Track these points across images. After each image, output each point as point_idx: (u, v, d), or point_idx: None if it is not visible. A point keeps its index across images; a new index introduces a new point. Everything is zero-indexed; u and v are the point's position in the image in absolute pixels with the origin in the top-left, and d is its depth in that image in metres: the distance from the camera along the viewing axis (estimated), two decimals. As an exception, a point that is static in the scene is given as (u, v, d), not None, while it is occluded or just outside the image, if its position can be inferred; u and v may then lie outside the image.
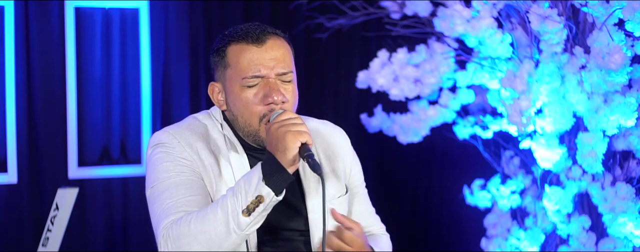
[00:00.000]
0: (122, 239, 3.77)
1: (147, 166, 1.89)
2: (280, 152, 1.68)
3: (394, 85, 3.36)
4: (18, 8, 3.49)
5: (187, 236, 1.69)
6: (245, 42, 1.83)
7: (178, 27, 3.78)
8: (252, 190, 1.66)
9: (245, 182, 1.68)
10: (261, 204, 1.67)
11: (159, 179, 1.83)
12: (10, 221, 3.53)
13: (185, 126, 1.92)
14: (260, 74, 1.81)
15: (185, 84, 3.80)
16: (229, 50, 1.85)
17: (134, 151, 3.77)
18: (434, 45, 3.33)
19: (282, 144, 1.68)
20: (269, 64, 1.82)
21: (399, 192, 4.30)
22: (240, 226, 1.67)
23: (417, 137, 3.49)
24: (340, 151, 2.03)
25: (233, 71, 1.84)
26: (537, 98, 2.90)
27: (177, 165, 1.83)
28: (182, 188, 1.79)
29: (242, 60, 1.82)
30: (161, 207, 1.78)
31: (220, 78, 1.89)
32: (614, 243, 2.89)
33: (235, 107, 1.86)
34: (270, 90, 1.81)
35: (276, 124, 1.72)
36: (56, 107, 3.60)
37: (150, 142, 1.91)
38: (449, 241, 4.35)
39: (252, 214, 1.66)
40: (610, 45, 2.60)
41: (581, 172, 2.95)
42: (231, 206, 1.67)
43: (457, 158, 4.19)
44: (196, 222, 1.69)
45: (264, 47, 1.82)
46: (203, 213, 1.70)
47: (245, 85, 1.82)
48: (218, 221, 1.67)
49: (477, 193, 3.54)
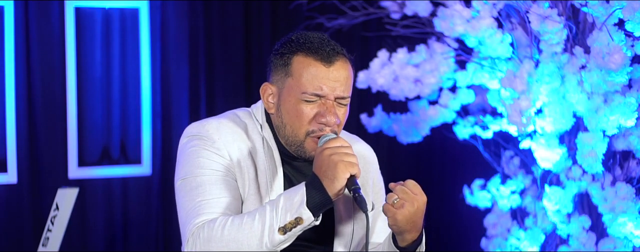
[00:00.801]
0: (122, 239, 3.77)
1: (180, 156, 1.85)
2: (329, 180, 1.66)
3: (394, 85, 3.36)
4: (18, 8, 3.49)
5: (219, 240, 1.67)
6: (314, 58, 1.80)
7: (178, 27, 3.78)
8: (293, 210, 1.65)
9: (287, 200, 1.67)
10: (299, 226, 1.66)
11: (193, 173, 1.79)
12: (10, 221, 3.53)
13: (226, 121, 1.87)
14: (321, 93, 1.79)
15: (185, 84, 3.80)
16: (295, 60, 1.82)
17: (134, 151, 3.77)
18: (434, 45, 3.33)
19: (333, 172, 1.66)
20: (332, 85, 1.80)
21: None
22: (273, 242, 1.66)
23: (417, 137, 3.49)
24: (370, 168, 2.04)
25: (294, 82, 1.81)
26: (537, 98, 2.90)
27: (212, 162, 1.80)
28: (215, 187, 1.77)
29: (306, 74, 1.80)
30: (192, 203, 1.75)
31: (278, 83, 1.85)
32: (614, 243, 2.89)
33: (287, 115, 1.83)
34: (327, 111, 1.79)
35: (329, 149, 1.70)
36: (56, 107, 3.60)
37: (187, 132, 1.86)
38: (449, 241, 4.35)
39: (287, 233, 1.66)
40: (610, 45, 2.60)
41: (581, 172, 2.95)
42: (269, 221, 1.66)
43: (457, 158, 4.19)
44: (231, 229, 1.67)
45: (331, 68, 1.80)
46: (239, 221, 1.68)
47: (302, 100, 1.80)
48: (253, 233, 1.66)
49: (477, 193, 3.53)
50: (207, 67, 3.85)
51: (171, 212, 3.82)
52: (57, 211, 2.95)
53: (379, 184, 2.07)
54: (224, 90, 3.87)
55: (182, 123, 3.80)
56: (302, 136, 1.82)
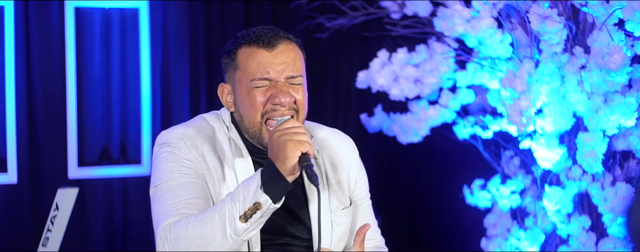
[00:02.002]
0: (122, 239, 3.77)
1: (153, 165, 1.90)
2: (280, 161, 1.67)
3: (394, 85, 3.36)
4: (18, 8, 3.49)
5: (184, 238, 1.70)
6: (256, 46, 1.84)
7: (178, 27, 3.78)
8: (250, 196, 1.66)
9: (244, 189, 1.69)
10: (258, 211, 1.66)
11: (163, 179, 1.83)
12: (10, 221, 3.53)
13: (193, 126, 1.92)
14: (268, 76, 1.82)
15: (185, 84, 3.80)
16: (240, 53, 1.86)
17: (134, 151, 3.77)
18: (434, 45, 3.33)
19: (283, 152, 1.67)
20: (278, 68, 1.83)
21: (399, 192, 4.30)
22: (237, 231, 1.67)
23: (417, 137, 3.49)
24: (346, 162, 2.02)
25: (242, 73, 1.85)
26: (537, 98, 2.90)
27: (181, 166, 1.83)
28: (183, 190, 1.80)
29: (251, 63, 1.83)
30: (162, 208, 1.79)
31: (230, 79, 1.90)
32: (614, 243, 2.89)
33: (242, 107, 1.86)
34: (278, 91, 1.81)
35: (278, 131, 1.71)
36: (56, 107, 3.60)
37: (157, 141, 1.91)
38: (449, 241, 4.34)
39: (249, 220, 1.67)
40: (610, 45, 2.60)
41: (581, 172, 2.95)
42: (228, 212, 1.67)
43: (457, 158, 4.19)
44: (194, 226, 1.70)
45: (275, 52, 1.83)
46: (201, 217, 1.70)
47: (253, 87, 1.83)
48: (215, 226, 1.68)
49: (477, 193, 3.53)
50: (207, 67, 3.85)
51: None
52: (57, 211, 2.95)
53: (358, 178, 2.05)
54: (224, 90, 3.87)
55: (182, 123, 3.79)
56: (258, 123, 1.84)
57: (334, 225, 1.92)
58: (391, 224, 4.12)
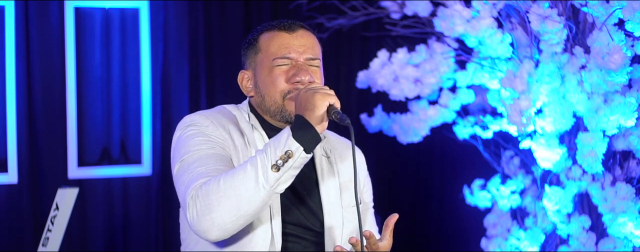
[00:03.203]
0: (122, 239, 3.77)
1: (176, 145, 1.90)
2: (309, 111, 1.72)
3: (394, 85, 3.36)
4: (18, 8, 3.49)
5: (216, 192, 1.69)
6: (277, 29, 1.93)
7: (178, 27, 3.78)
8: (281, 145, 1.69)
9: (274, 140, 1.71)
10: (290, 160, 1.68)
11: (190, 151, 1.84)
12: (10, 221, 3.53)
13: (216, 111, 1.97)
14: (289, 55, 1.89)
15: (185, 84, 3.80)
16: (261, 38, 1.94)
17: (134, 151, 3.77)
18: (434, 45, 3.33)
19: (311, 102, 1.72)
20: (299, 49, 1.91)
21: (399, 192, 4.30)
22: (269, 181, 1.68)
23: (417, 137, 3.49)
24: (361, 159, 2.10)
25: (264, 55, 1.92)
26: (537, 98, 2.89)
27: (208, 140, 1.86)
28: (212, 159, 1.81)
29: (273, 44, 1.91)
30: (191, 174, 1.78)
31: (251, 65, 1.96)
32: (614, 243, 2.89)
33: (263, 86, 1.91)
34: (299, 70, 1.88)
35: (304, 90, 1.78)
36: (56, 107, 3.60)
37: (181, 124, 1.93)
38: (449, 241, 4.35)
39: (281, 169, 1.68)
40: (610, 45, 2.60)
41: (581, 172, 2.95)
42: (260, 162, 1.69)
43: (457, 158, 4.19)
44: (225, 179, 1.70)
45: (295, 34, 1.92)
46: (232, 171, 1.72)
47: (274, 65, 1.89)
48: (247, 176, 1.68)
49: (477, 193, 3.54)
50: (207, 67, 3.85)
51: (171, 212, 3.82)
52: (57, 211, 2.95)
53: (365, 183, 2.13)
54: (224, 90, 3.87)
55: (182, 123, 3.79)
56: (280, 99, 1.89)
57: (345, 221, 1.96)
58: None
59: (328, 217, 1.92)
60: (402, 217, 4.82)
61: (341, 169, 2.01)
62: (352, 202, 1.98)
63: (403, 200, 4.32)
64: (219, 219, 1.69)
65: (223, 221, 1.69)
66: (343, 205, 1.96)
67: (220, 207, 1.68)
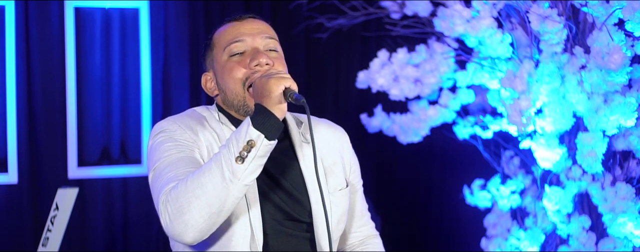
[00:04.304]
0: (122, 239, 3.77)
1: (149, 154, 1.89)
2: (265, 97, 1.69)
3: (394, 85, 3.36)
4: (18, 8, 3.49)
5: (184, 193, 1.66)
6: (226, 23, 1.93)
7: (178, 27, 3.78)
8: (242, 136, 1.66)
9: (235, 133, 1.69)
10: (253, 149, 1.65)
11: (160, 159, 1.82)
12: (10, 221, 3.53)
13: (184, 114, 1.96)
14: (241, 38, 1.87)
15: (185, 84, 3.80)
16: (215, 35, 1.95)
17: (134, 151, 3.77)
18: (434, 45, 3.33)
19: (266, 88, 1.69)
20: (251, 32, 1.88)
21: (399, 192, 4.30)
22: (236, 174, 1.65)
23: (417, 137, 3.49)
24: (339, 146, 2.05)
25: (218, 49, 1.91)
26: (537, 98, 2.90)
27: (177, 145, 1.84)
28: (182, 162, 1.79)
29: (224, 35, 1.91)
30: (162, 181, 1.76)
31: (210, 64, 1.97)
32: (614, 243, 2.89)
33: (223, 81, 1.90)
34: (256, 54, 1.85)
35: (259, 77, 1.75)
36: (56, 107, 3.61)
37: (152, 133, 1.92)
38: (449, 241, 4.35)
39: (245, 160, 1.65)
40: (610, 45, 2.60)
41: (581, 172, 2.95)
42: (224, 156, 1.66)
43: (457, 158, 4.19)
44: (192, 179, 1.67)
45: (244, 22, 1.91)
46: (198, 170, 1.69)
47: (229, 55, 1.88)
48: (213, 172, 1.66)
49: (477, 193, 3.54)
50: (206, 67, 3.86)
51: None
52: (57, 211, 2.95)
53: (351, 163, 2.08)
54: (224, 90, 3.87)
55: (182, 123, 3.80)
56: (241, 89, 1.86)
57: (333, 206, 1.93)
58: (391, 224, 4.12)
59: (315, 204, 1.89)
60: (402, 217, 4.83)
61: (324, 153, 1.99)
62: (338, 186, 1.96)
63: (403, 200, 4.32)
64: (192, 220, 1.65)
65: (196, 221, 1.66)
66: (329, 190, 1.94)
67: (190, 208, 1.65)
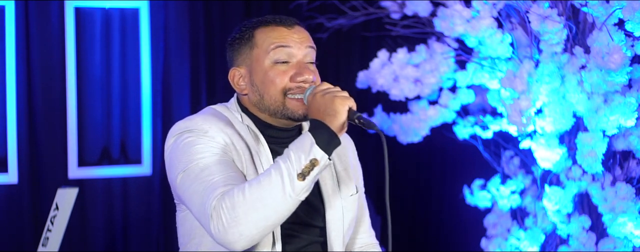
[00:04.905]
0: (122, 239, 3.77)
1: (173, 153, 1.83)
2: (330, 116, 1.70)
3: (394, 85, 3.36)
4: (18, 8, 3.49)
5: (243, 203, 1.65)
6: (274, 24, 1.88)
7: (178, 27, 3.78)
8: (305, 154, 1.66)
9: (296, 149, 1.68)
10: (316, 168, 1.66)
11: (192, 160, 1.78)
12: (10, 221, 3.53)
13: (210, 114, 1.91)
14: (290, 46, 1.84)
15: (185, 84, 3.80)
16: (257, 32, 1.88)
17: (134, 151, 3.77)
18: (434, 45, 3.33)
19: (332, 108, 1.70)
20: (299, 42, 1.86)
21: (399, 192, 4.30)
22: (296, 190, 1.66)
23: (417, 137, 3.49)
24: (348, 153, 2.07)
25: (261, 50, 1.86)
26: (537, 98, 2.90)
27: (211, 147, 1.80)
28: (221, 166, 1.76)
29: (271, 37, 1.86)
30: (203, 184, 1.73)
31: (245, 61, 1.91)
32: (614, 243, 2.89)
33: (262, 85, 1.87)
34: (302, 69, 1.84)
35: (320, 92, 1.75)
36: (56, 107, 3.60)
37: (174, 131, 1.86)
38: (449, 241, 4.34)
39: (306, 178, 1.66)
40: (610, 45, 2.60)
41: (581, 172, 2.95)
42: (286, 171, 1.66)
43: (457, 158, 4.19)
44: (251, 190, 1.65)
45: (293, 30, 1.88)
46: (256, 181, 1.67)
47: (274, 61, 1.85)
48: (274, 186, 1.65)
49: (477, 193, 3.54)
50: (207, 67, 3.85)
51: (171, 212, 3.82)
52: (57, 211, 2.95)
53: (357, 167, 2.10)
54: (225, 90, 3.87)
55: (182, 123, 3.79)
56: (281, 96, 1.85)
57: (345, 211, 1.95)
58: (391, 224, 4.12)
59: (330, 209, 1.91)
60: (402, 217, 4.84)
61: (335, 159, 2.00)
62: (350, 191, 1.97)
63: (403, 200, 4.31)
64: (247, 231, 1.65)
65: (250, 232, 1.66)
66: (342, 196, 1.95)
67: (248, 219, 1.64)
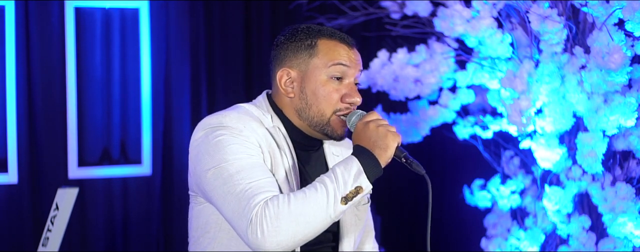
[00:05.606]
0: (122, 239, 3.77)
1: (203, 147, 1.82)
2: (381, 150, 1.77)
3: (394, 85, 3.36)
4: (18, 8, 3.49)
5: (287, 215, 1.67)
6: (338, 40, 1.94)
7: (178, 27, 3.78)
8: (351, 180, 1.71)
9: (344, 172, 1.73)
10: (359, 195, 1.72)
11: (227, 160, 1.77)
12: (10, 221, 3.53)
13: (243, 112, 1.91)
14: (349, 66, 1.91)
15: (185, 84, 3.80)
16: (321, 42, 1.92)
17: (134, 151, 3.77)
18: (434, 45, 3.33)
19: (384, 142, 1.77)
20: (356, 63, 1.94)
21: (399, 192, 4.30)
22: (336, 212, 1.71)
23: (417, 137, 3.49)
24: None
25: (321, 61, 1.91)
26: (537, 98, 2.90)
27: (246, 147, 1.81)
28: (257, 169, 1.77)
29: (334, 51, 1.91)
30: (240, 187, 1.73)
31: (300, 66, 1.92)
32: (614, 243, 2.89)
33: (313, 96, 1.90)
34: (353, 91, 1.92)
35: (373, 122, 1.81)
36: (56, 107, 3.60)
37: (206, 124, 1.85)
38: (449, 241, 4.35)
39: (348, 202, 1.71)
40: (610, 45, 2.60)
41: (581, 172, 2.95)
42: (333, 191, 1.70)
43: (457, 158, 4.19)
44: (296, 204, 1.68)
45: (353, 51, 1.96)
46: (302, 195, 1.70)
47: (331, 76, 1.90)
48: (319, 205, 1.69)
49: (477, 193, 3.54)
50: (207, 67, 3.85)
51: (171, 212, 3.82)
52: (57, 211, 2.95)
53: None
54: (225, 90, 3.87)
55: (183, 123, 3.80)
56: (329, 114, 1.90)
57: (357, 220, 2.00)
58: (391, 224, 4.12)
59: (343, 216, 1.95)
60: (402, 217, 4.82)
61: None
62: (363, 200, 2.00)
63: (403, 200, 4.31)
64: (285, 242, 1.68)
65: (287, 244, 1.69)
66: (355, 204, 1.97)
67: (289, 232, 1.68)
